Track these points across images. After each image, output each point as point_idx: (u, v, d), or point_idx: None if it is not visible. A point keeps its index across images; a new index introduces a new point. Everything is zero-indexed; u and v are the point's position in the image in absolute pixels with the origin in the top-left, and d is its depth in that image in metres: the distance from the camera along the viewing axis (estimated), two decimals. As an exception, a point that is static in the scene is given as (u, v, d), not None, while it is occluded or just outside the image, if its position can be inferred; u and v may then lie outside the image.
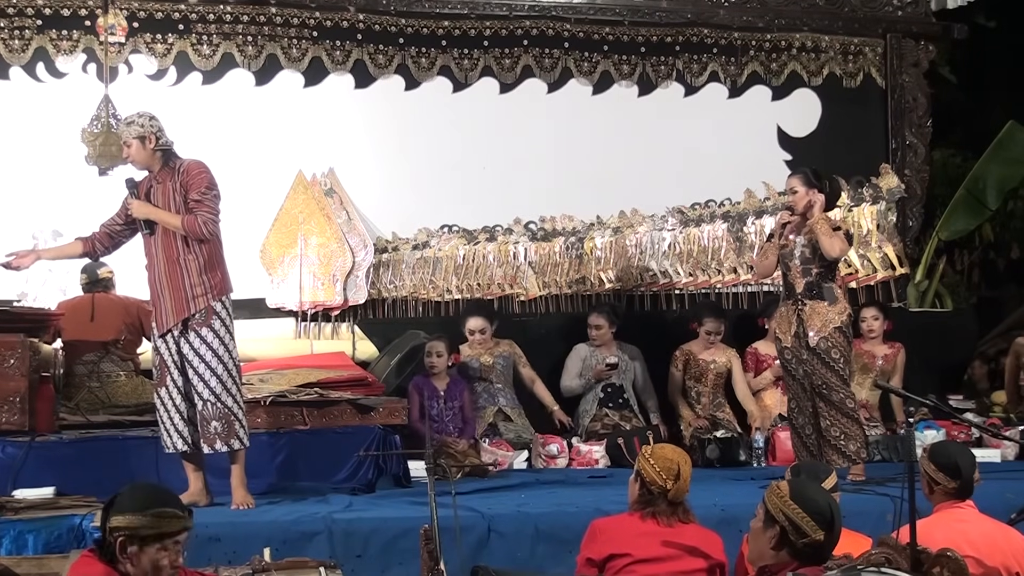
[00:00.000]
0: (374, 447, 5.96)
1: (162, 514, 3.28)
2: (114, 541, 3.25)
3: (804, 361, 6.06)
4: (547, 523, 5.15)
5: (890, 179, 8.42)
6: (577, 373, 7.46)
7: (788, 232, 6.17)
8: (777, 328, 6.24)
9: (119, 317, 6.75)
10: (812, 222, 6.03)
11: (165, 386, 5.39)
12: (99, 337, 6.64)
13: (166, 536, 3.28)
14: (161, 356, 5.41)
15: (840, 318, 6.03)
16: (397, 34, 8.33)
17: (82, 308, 6.74)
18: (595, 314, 7.48)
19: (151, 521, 3.26)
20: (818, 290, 6.06)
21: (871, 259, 8.15)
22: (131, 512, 3.26)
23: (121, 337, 6.70)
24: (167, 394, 5.40)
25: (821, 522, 3.30)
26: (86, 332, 6.63)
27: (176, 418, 5.39)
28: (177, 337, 5.37)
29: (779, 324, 6.21)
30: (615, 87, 8.72)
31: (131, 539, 3.25)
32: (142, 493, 3.35)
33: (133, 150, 5.48)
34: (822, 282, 6.07)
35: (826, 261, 6.05)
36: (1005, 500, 5.21)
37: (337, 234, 8.00)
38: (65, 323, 6.59)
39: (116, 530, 3.25)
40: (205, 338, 5.33)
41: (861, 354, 7.52)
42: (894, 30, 9.09)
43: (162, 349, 5.41)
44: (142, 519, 3.25)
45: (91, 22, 7.68)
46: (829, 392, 5.99)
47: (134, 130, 5.46)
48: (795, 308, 6.10)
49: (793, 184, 6.21)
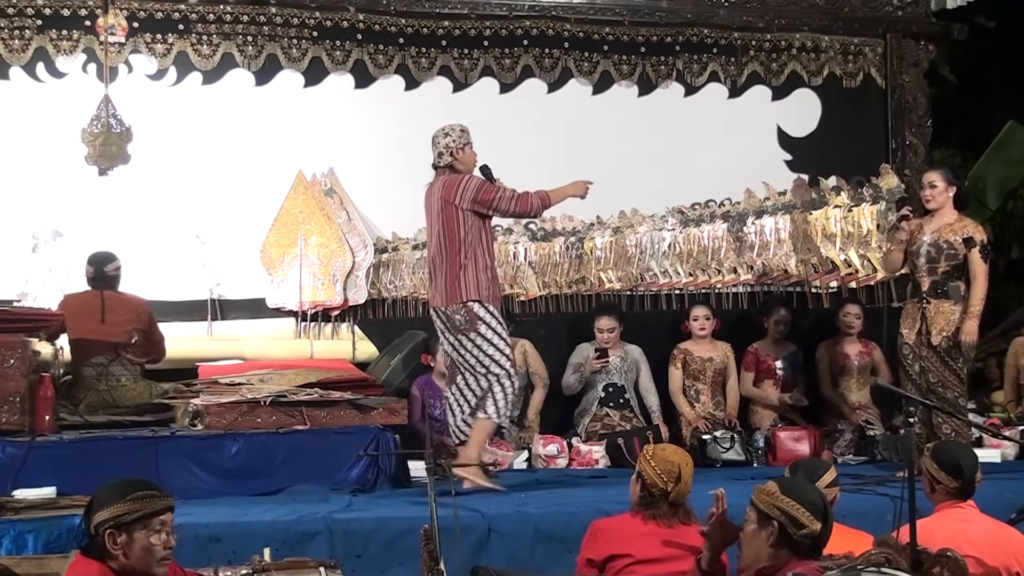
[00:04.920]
0: (374, 447, 5.96)
1: (140, 496, 3.31)
2: (103, 537, 3.27)
3: (922, 358, 6.16)
4: (547, 523, 5.15)
5: (890, 179, 8.41)
6: (575, 371, 7.46)
7: (913, 229, 6.22)
8: (902, 324, 6.33)
9: (130, 319, 6.59)
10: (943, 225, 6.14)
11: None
12: (109, 338, 6.49)
13: (149, 517, 3.30)
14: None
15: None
16: (397, 34, 8.33)
17: (91, 307, 6.56)
18: (605, 317, 7.42)
19: (132, 506, 3.28)
20: (944, 289, 6.13)
21: (871, 259, 8.14)
22: (111, 503, 3.29)
23: (132, 340, 6.53)
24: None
25: (816, 512, 3.30)
26: (96, 332, 6.47)
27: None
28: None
29: (903, 321, 6.33)
30: (615, 87, 8.72)
31: (118, 529, 3.27)
32: (117, 485, 3.37)
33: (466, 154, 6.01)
34: (948, 281, 6.13)
35: (953, 260, 6.11)
36: (1005, 500, 5.21)
37: (337, 234, 8.01)
38: (72, 321, 6.47)
39: (101, 525, 3.27)
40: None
41: (836, 355, 7.56)
42: (894, 30, 9.09)
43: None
44: (122, 506, 3.27)
45: (91, 22, 7.67)
46: (944, 391, 6.10)
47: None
48: (920, 307, 6.19)
49: (933, 179, 6.25)
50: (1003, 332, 9.24)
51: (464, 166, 5.98)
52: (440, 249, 5.93)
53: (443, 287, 5.90)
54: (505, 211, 5.96)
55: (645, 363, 7.51)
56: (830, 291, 8.19)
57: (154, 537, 3.30)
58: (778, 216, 8.22)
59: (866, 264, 8.25)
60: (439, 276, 5.92)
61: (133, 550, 3.27)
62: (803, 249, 8.16)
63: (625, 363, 7.43)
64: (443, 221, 5.90)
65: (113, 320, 6.54)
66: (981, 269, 6.16)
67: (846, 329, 7.61)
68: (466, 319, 5.85)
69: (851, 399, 7.51)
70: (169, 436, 5.94)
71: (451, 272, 5.87)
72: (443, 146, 5.96)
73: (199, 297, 7.82)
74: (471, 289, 5.85)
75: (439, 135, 5.99)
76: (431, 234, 6.08)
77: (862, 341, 7.63)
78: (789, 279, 8.20)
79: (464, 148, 5.98)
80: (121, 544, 3.26)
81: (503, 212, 5.96)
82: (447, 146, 5.96)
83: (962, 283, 6.20)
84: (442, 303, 5.91)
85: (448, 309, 5.89)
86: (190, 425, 6.11)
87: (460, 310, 5.85)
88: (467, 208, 5.86)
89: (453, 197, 5.87)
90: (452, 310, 5.87)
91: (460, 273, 5.85)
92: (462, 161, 5.98)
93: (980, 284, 6.16)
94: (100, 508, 3.29)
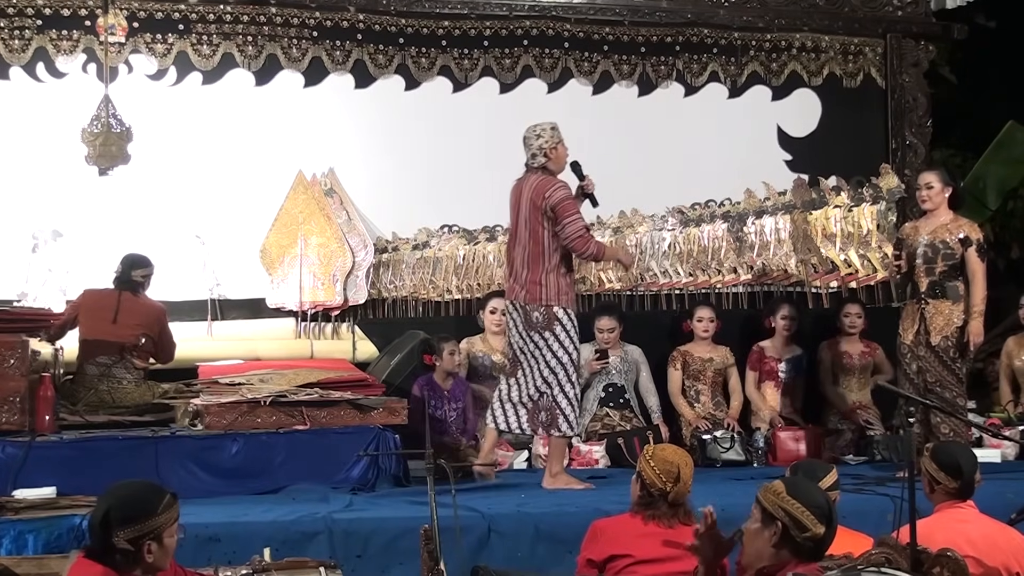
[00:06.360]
0: (374, 447, 5.96)
1: (168, 504, 3.39)
2: (137, 548, 3.31)
3: (920, 358, 6.17)
4: (547, 523, 5.15)
5: (890, 179, 8.41)
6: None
7: (909, 231, 6.31)
8: (901, 324, 6.35)
9: (141, 323, 6.60)
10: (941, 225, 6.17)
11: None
12: (117, 339, 6.50)
13: (175, 522, 3.41)
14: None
15: (963, 317, 6.11)
16: (397, 34, 8.34)
17: (107, 306, 6.56)
18: (606, 317, 7.39)
19: (166, 516, 3.37)
20: (941, 289, 6.14)
21: (871, 259, 8.13)
22: (146, 516, 3.33)
23: (139, 343, 6.54)
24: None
25: (820, 516, 3.30)
26: (106, 332, 6.49)
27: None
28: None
29: (902, 321, 6.35)
30: (615, 87, 8.72)
31: (155, 540, 3.33)
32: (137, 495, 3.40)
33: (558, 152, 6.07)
34: (946, 281, 6.13)
35: (950, 260, 6.11)
36: (1005, 500, 5.21)
37: (337, 234, 8.01)
38: (85, 316, 6.52)
39: (141, 538, 3.31)
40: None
41: (839, 355, 7.56)
42: (894, 30, 9.09)
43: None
44: (159, 519, 3.34)
45: (91, 22, 7.68)
46: (943, 390, 6.09)
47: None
48: (918, 307, 6.20)
49: (930, 179, 6.27)
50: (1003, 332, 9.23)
51: (556, 165, 6.07)
52: (523, 248, 6.01)
53: (524, 284, 5.98)
54: (564, 237, 5.92)
55: (645, 363, 7.50)
56: (830, 291, 8.19)
57: (172, 539, 3.40)
58: (778, 216, 8.21)
59: (866, 264, 8.24)
60: (521, 273, 6.01)
61: (161, 554, 3.36)
62: (803, 249, 8.15)
63: (625, 363, 7.43)
64: (530, 223, 5.98)
65: (124, 322, 6.55)
66: (979, 268, 6.17)
67: (848, 329, 7.60)
68: (544, 318, 5.95)
69: (851, 399, 7.51)
70: (169, 436, 5.94)
71: (533, 274, 5.96)
72: (536, 147, 6.03)
73: (199, 297, 7.83)
74: (552, 294, 5.95)
75: (531, 136, 6.06)
76: (514, 229, 6.12)
77: (864, 341, 7.63)
78: (789, 279, 8.20)
79: (556, 147, 6.05)
80: (154, 552, 3.34)
81: (563, 236, 5.93)
82: (540, 147, 6.02)
83: (960, 283, 6.21)
84: (522, 299, 6.00)
85: (528, 306, 5.98)
86: (190, 425, 6.10)
87: (539, 308, 5.95)
88: (548, 213, 5.93)
89: (541, 201, 5.93)
90: (531, 307, 5.97)
91: (542, 278, 5.95)
92: (555, 160, 6.06)
93: (980, 283, 6.17)
94: (132, 521, 3.31)
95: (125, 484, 3.50)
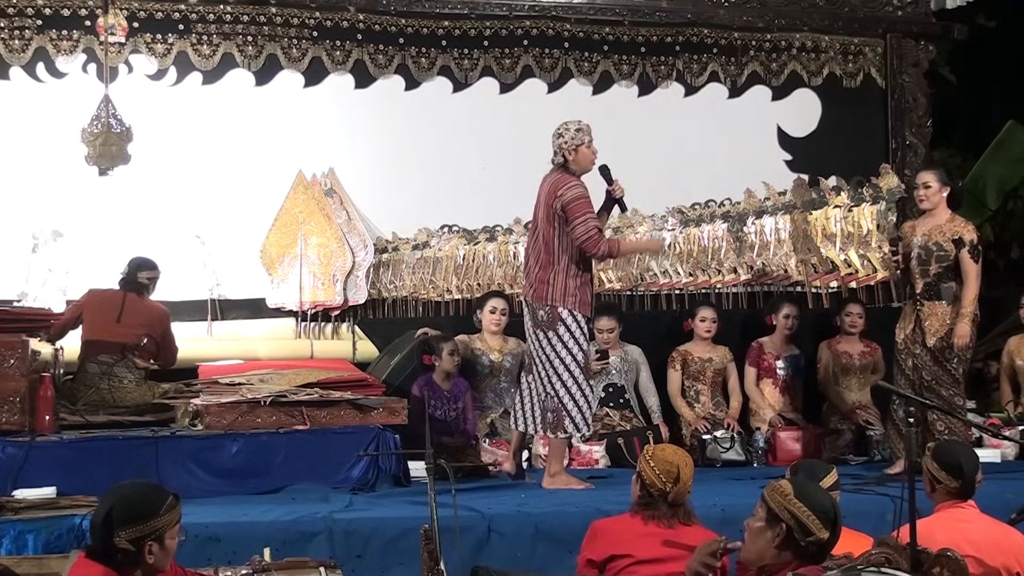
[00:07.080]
0: (374, 447, 5.96)
1: (171, 505, 3.40)
2: (138, 549, 3.31)
3: (915, 356, 6.18)
4: (547, 523, 5.15)
5: (890, 179, 8.40)
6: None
7: (907, 231, 6.33)
8: (897, 324, 6.38)
9: (145, 324, 6.61)
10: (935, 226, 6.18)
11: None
12: (120, 339, 6.51)
13: (178, 523, 3.43)
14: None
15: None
16: (397, 34, 8.34)
17: (111, 306, 6.57)
18: (606, 317, 7.35)
19: (168, 518, 3.38)
20: (936, 291, 6.13)
21: (871, 259, 8.13)
22: (147, 517, 3.33)
23: (141, 343, 6.54)
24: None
25: (826, 521, 3.29)
26: (109, 332, 6.50)
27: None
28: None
29: (899, 321, 6.38)
30: (615, 87, 8.73)
31: (157, 541, 3.34)
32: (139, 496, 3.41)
33: (580, 154, 5.97)
34: (940, 283, 6.13)
35: (944, 262, 6.11)
36: (1005, 500, 5.20)
37: (337, 234, 8.01)
38: (89, 315, 6.53)
39: (143, 539, 3.31)
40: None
41: (839, 354, 7.56)
42: (894, 30, 9.09)
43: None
44: (162, 520, 3.35)
45: (91, 22, 7.69)
46: (939, 388, 6.10)
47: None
48: (914, 308, 6.21)
49: (927, 179, 6.25)
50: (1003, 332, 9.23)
51: (578, 166, 5.98)
52: (538, 246, 6.01)
53: (534, 282, 6.00)
54: (575, 237, 5.86)
55: (645, 363, 7.49)
56: (830, 291, 8.18)
57: (173, 540, 3.41)
58: (778, 216, 8.21)
59: (866, 264, 8.24)
60: (533, 271, 6.02)
61: (162, 555, 3.37)
62: (803, 249, 8.14)
63: (625, 363, 7.42)
64: (543, 221, 5.97)
65: (128, 322, 6.56)
66: (972, 270, 6.14)
67: (848, 329, 7.59)
68: (549, 316, 5.94)
69: (851, 399, 7.50)
70: (169, 436, 5.93)
71: (544, 272, 5.95)
72: (556, 145, 5.98)
73: (199, 297, 7.83)
74: (558, 295, 5.93)
75: (555, 133, 6.00)
76: (534, 226, 6.11)
77: (864, 341, 7.63)
78: (789, 279, 8.19)
79: (578, 149, 5.94)
80: (155, 553, 3.34)
81: (574, 236, 5.87)
82: (560, 146, 5.96)
83: (955, 284, 6.19)
84: (530, 297, 6.02)
85: (535, 303, 6.00)
86: (190, 425, 6.10)
87: (544, 306, 5.95)
88: (559, 213, 5.88)
89: (553, 200, 5.90)
90: (537, 305, 5.98)
91: (551, 277, 5.93)
92: (576, 162, 5.96)
93: (972, 285, 6.14)
94: (134, 522, 3.32)
95: (128, 484, 3.51)
